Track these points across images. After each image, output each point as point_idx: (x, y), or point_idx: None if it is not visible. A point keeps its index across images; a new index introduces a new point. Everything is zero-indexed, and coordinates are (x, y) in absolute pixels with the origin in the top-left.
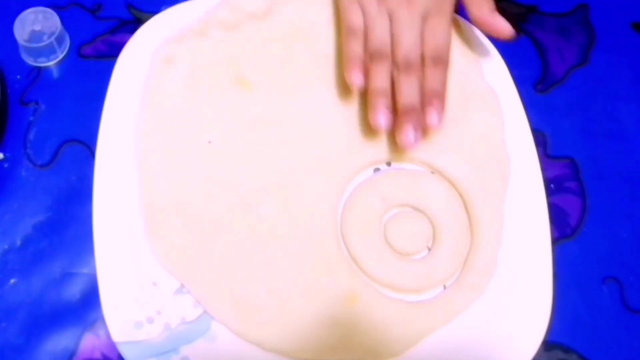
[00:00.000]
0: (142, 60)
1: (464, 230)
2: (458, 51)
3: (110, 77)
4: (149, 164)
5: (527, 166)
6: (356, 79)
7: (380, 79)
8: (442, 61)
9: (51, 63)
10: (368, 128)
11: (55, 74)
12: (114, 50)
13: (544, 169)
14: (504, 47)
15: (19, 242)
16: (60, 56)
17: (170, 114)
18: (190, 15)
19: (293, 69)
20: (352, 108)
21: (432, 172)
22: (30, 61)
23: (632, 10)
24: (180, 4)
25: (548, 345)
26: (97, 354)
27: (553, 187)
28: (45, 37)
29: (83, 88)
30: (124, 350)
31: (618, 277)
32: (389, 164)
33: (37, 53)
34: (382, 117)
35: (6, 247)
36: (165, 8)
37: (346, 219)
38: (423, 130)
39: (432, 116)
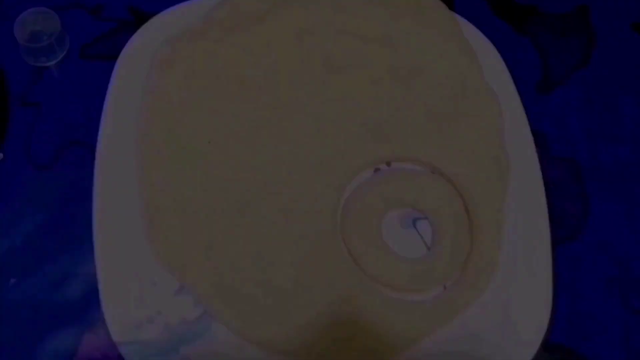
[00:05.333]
0: (142, 61)
1: (464, 230)
2: (458, 51)
3: (110, 77)
4: (149, 164)
5: (527, 166)
6: None
7: None
8: None
9: (51, 63)
10: (368, 128)
11: (56, 74)
12: (114, 51)
13: (544, 169)
14: (504, 47)
15: (19, 242)
16: (61, 56)
17: (170, 114)
18: (190, 15)
19: (293, 69)
20: (352, 108)
21: (432, 172)
22: (30, 61)
23: (632, 10)
24: (180, 4)
25: (548, 345)
26: (97, 354)
27: (553, 187)
28: (45, 38)
29: (83, 88)
30: (124, 350)
31: (618, 277)
32: (389, 164)
33: (38, 53)
34: None
35: (6, 247)
36: (165, 8)
37: (346, 219)
38: None
39: None
